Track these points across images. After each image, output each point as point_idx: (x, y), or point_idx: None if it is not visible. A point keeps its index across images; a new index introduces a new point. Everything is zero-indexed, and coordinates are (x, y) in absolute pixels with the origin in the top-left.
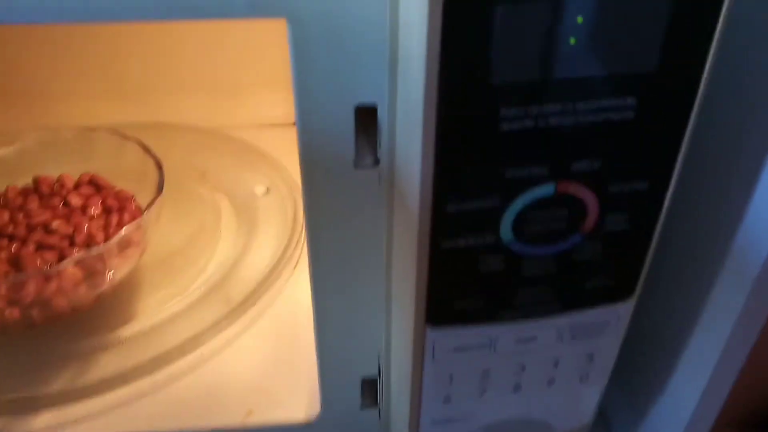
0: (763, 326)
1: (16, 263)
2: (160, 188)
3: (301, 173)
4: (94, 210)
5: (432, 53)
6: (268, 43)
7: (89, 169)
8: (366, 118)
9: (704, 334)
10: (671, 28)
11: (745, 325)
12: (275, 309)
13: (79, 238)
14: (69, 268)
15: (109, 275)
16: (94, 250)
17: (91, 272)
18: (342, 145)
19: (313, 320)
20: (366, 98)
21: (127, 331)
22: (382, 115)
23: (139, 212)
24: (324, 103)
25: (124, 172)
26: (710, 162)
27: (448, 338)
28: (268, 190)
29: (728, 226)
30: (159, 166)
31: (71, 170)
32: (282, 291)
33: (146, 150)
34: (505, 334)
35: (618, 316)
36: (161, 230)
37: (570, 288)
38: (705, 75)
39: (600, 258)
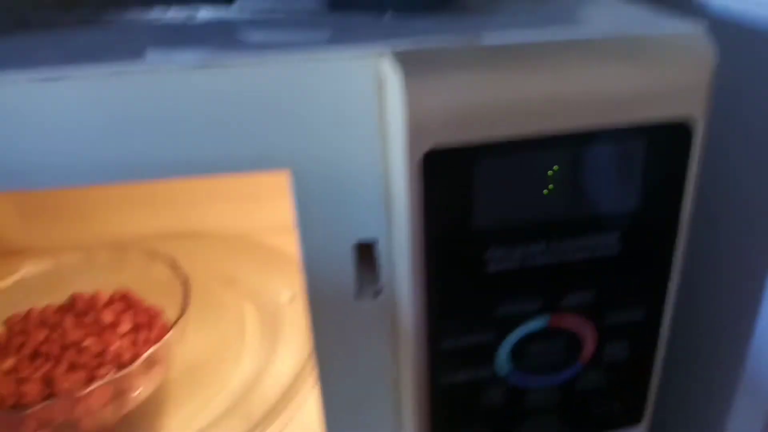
0: None
1: (48, 383)
2: (184, 307)
3: (308, 307)
4: (124, 327)
5: (414, 204)
6: None
7: (122, 284)
8: (366, 252)
9: None
10: (646, 171)
11: None
12: (296, 424)
13: (108, 357)
14: (97, 389)
15: (135, 394)
16: (122, 372)
17: (118, 392)
18: (343, 279)
19: None
20: (365, 234)
21: None
22: (381, 249)
23: (166, 328)
24: (325, 241)
25: (153, 286)
26: (710, 285)
27: None
28: (293, 297)
29: (736, 350)
30: (185, 283)
31: (105, 287)
32: (304, 404)
33: (173, 267)
34: None
35: None
36: (186, 342)
37: (576, 417)
38: (686, 207)
39: (603, 386)
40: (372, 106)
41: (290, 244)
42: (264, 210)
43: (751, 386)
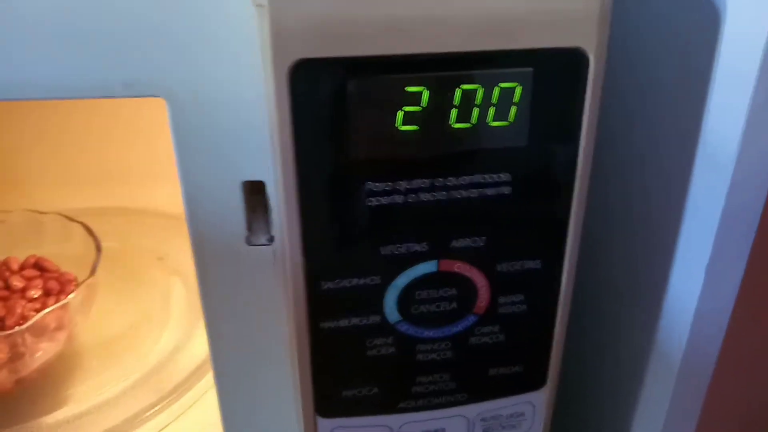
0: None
1: None
2: (93, 270)
3: (194, 254)
4: (34, 292)
5: (283, 125)
6: None
7: (39, 253)
8: (256, 194)
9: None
10: (537, 103)
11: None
12: (208, 399)
13: (11, 321)
14: None
15: (35, 357)
16: (12, 330)
17: (15, 354)
18: (233, 222)
19: (220, 412)
20: (252, 175)
21: (50, 418)
22: (272, 191)
23: None
24: (210, 180)
25: (71, 255)
26: (618, 234)
27: (343, 429)
28: None
29: (648, 307)
30: (98, 248)
31: (21, 253)
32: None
33: (89, 232)
34: (408, 425)
35: (533, 406)
36: (104, 314)
37: (472, 376)
38: (582, 144)
39: (499, 342)
40: (251, 27)
41: None
42: None
43: (664, 347)
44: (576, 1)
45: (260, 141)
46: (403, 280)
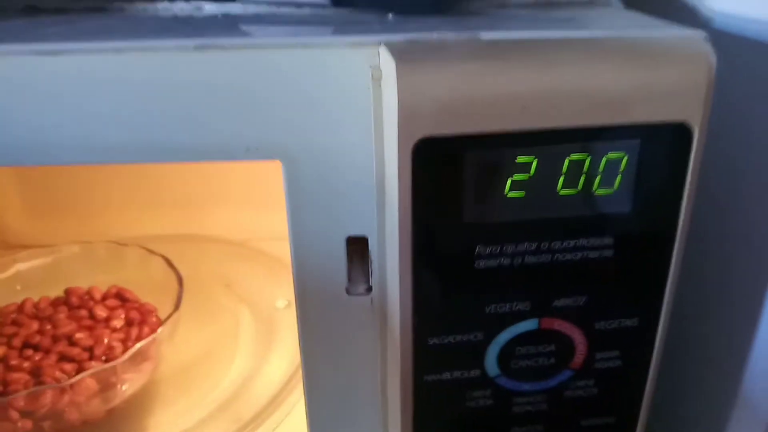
0: None
1: (36, 374)
2: (177, 304)
3: (296, 301)
4: (117, 322)
5: (404, 194)
6: None
7: (119, 282)
8: (359, 248)
9: None
10: (643, 173)
11: None
12: (285, 427)
13: (99, 351)
14: (84, 380)
15: (122, 389)
16: (108, 364)
17: (105, 385)
18: (334, 273)
19: None
20: (356, 229)
21: None
22: (373, 245)
23: (158, 326)
24: (317, 234)
25: (150, 284)
26: (709, 295)
27: None
28: (289, 304)
29: (735, 362)
30: (179, 282)
31: (102, 282)
32: (294, 408)
33: (170, 265)
34: None
35: None
36: (179, 341)
37: (566, 427)
38: (683, 212)
39: (593, 396)
40: (367, 99)
41: (288, 253)
42: (266, 218)
43: (749, 402)
44: (683, 79)
45: (366, 201)
46: (505, 336)
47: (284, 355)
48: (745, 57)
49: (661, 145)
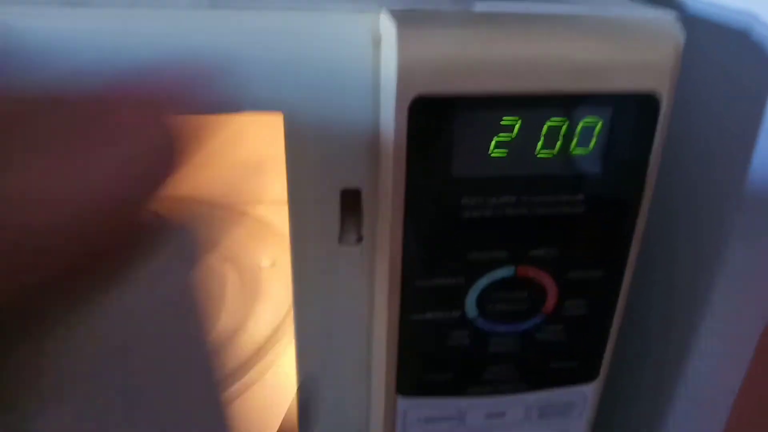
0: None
1: None
2: None
3: (291, 249)
4: None
5: (399, 149)
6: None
7: None
8: (352, 200)
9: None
10: (613, 138)
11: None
12: (267, 381)
13: None
14: None
15: None
16: None
17: None
18: (329, 224)
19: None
20: (351, 183)
21: None
22: (365, 198)
23: None
24: (313, 186)
25: None
26: (668, 254)
27: (418, 408)
28: (273, 264)
29: (689, 317)
30: None
31: None
32: (276, 363)
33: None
34: (474, 408)
35: (584, 397)
36: None
37: (535, 367)
38: (649, 172)
39: (562, 340)
40: (367, 60)
41: (275, 216)
42: (254, 183)
43: (703, 356)
44: (654, 53)
45: (360, 156)
46: (484, 281)
47: (269, 309)
48: (712, 42)
49: (632, 113)
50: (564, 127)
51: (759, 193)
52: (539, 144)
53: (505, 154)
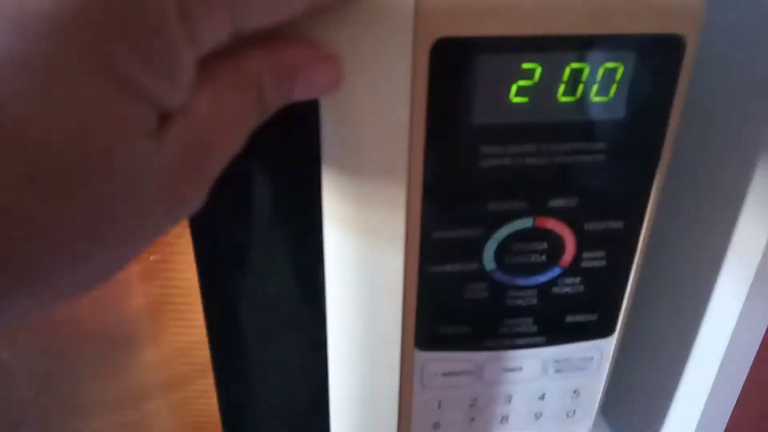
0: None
1: None
2: None
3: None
4: None
5: (419, 94)
6: None
7: None
8: None
9: (690, 383)
10: (635, 81)
11: (730, 376)
12: None
13: None
14: None
15: None
16: None
17: None
18: None
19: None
20: None
21: None
22: None
23: None
24: None
25: None
26: (689, 201)
27: (436, 362)
28: None
29: (708, 273)
30: None
31: None
32: None
33: None
34: (491, 362)
35: (601, 352)
36: None
37: (552, 321)
38: (671, 121)
39: (579, 293)
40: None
41: None
42: None
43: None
44: None
45: None
46: (502, 233)
47: None
48: None
49: (656, 56)
50: (586, 72)
51: None
52: (560, 89)
53: (526, 101)
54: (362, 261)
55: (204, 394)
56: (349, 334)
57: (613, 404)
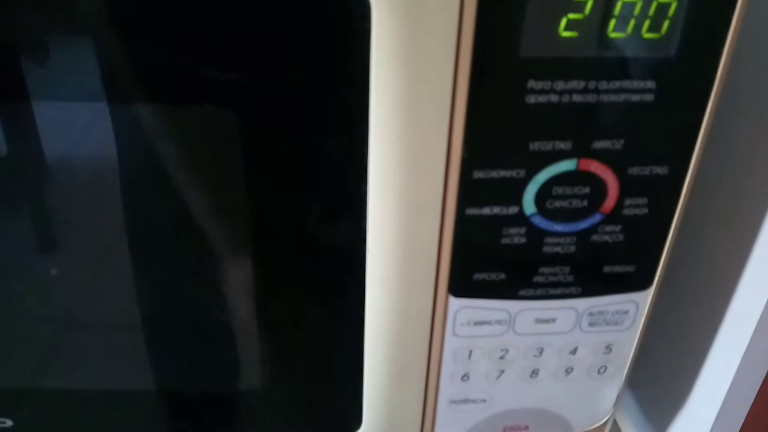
0: None
1: None
2: None
3: None
4: None
5: (467, 25)
6: None
7: None
8: None
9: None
10: (688, 18)
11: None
12: None
13: None
14: None
15: None
16: None
17: None
18: None
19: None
20: None
21: None
22: None
23: None
24: None
25: None
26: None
27: (469, 310)
28: None
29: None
30: None
31: None
32: None
33: None
34: (524, 312)
35: (636, 306)
36: None
37: (589, 271)
38: (722, 63)
39: (618, 242)
40: None
41: None
42: None
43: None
44: None
45: None
46: (544, 175)
47: None
48: None
49: None
50: (638, 6)
51: None
52: (611, 24)
53: (575, 35)
54: (401, 201)
55: None
56: (381, 278)
57: (639, 379)
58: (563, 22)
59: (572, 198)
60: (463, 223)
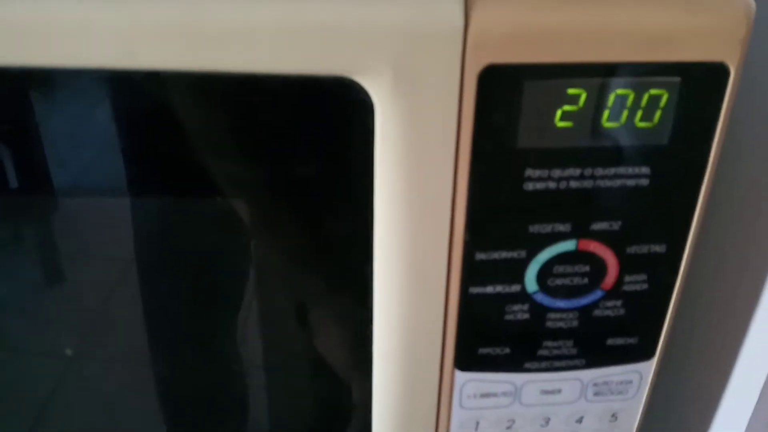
0: None
1: None
2: None
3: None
4: None
5: (466, 118)
6: None
7: None
8: None
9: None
10: (680, 108)
11: None
12: None
13: None
14: None
15: None
16: None
17: None
18: None
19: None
20: None
21: None
22: None
23: None
24: None
25: None
26: (732, 229)
27: (475, 383)
28: None
29: (750, 294)
30: None
31: None
32: None
33: None
34: (529, 384)
35: (640, 376)
36: None
37: (592, 344)
38: (714, 149)
39: (620, 315)
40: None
41: None
42: None
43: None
44: (724, 22)
45: None
46: (545, 255)
47: None
48: None
49: (700, 84)
50: (630, 98)
51: None
52: (605, 115)
53: (571, 125)
54: (406, 282)
55: None
56: (388, 355)
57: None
58: (558, 113)
59: (573, 276)
60: (467, 301)
